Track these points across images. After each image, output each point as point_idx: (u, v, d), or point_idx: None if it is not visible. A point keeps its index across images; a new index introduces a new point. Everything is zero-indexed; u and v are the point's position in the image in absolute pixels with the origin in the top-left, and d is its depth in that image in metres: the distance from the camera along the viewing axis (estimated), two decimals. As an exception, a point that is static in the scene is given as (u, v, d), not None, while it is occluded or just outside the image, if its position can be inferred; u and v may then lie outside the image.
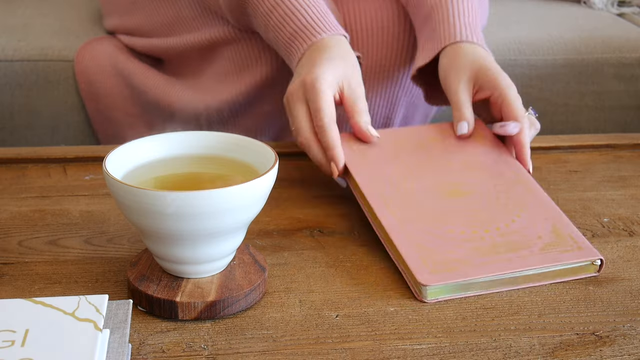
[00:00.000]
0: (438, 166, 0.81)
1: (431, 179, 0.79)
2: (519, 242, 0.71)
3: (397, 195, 0.76)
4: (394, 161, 0.81)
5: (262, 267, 0.68)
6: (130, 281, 0.65)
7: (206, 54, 1.11)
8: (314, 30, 0.89)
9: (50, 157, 0.91)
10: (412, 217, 0.73)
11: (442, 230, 0.72)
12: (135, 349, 0.60)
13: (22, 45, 1.31)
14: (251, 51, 1.05)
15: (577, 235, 0.72)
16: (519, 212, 0.74)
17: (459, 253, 0.69)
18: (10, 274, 0.69)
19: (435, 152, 0.83)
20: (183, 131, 0.71)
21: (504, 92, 0.85)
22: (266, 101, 1.08)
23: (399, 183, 0.78)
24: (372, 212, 0.75)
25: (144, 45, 1.20)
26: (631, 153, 0.99)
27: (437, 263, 0.68)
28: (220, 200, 0.59)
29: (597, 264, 0.70)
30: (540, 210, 0.75)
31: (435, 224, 0.73)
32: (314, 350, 0.60)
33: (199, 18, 1.09)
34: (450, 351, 0.60)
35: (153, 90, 1.16)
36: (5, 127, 1.30)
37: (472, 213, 0.74)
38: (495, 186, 0.78)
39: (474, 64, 0.88)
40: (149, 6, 1.17)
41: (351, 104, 0.84)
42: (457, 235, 0.71)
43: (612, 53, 1.42)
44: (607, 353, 0.60)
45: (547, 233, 0.72)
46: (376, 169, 0.80)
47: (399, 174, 0.79)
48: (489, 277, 0.67)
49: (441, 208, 0.75)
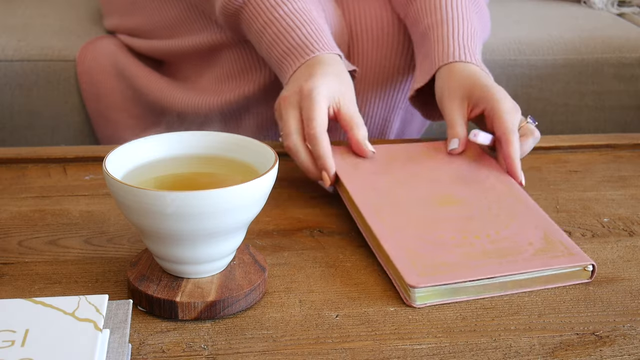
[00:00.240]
0: (429, 179, 0.81)
1: (422, 189, 0.79)
2: (509, 248, 0.71)
3: (388, 204, 0.76)
4: (386, 173, 0.82)
5: (262, 267, 0.68)
6: (130, 281, 0.65)
7: (207, 57, 1.11)
8: (308, 49, 0.89)
9: (50, 157, 0.91)
10: (402, 224, 0.73)
11: (432, 236, 0.72)
12: (135, 349, 0.60)
13: (22, 45, 1.31)
14: (252, 55, 1.05)
15: (568, 242, 0.72)
16: (509, 221, 0.74)
17: (448, 257, 0.69)
18: (10, 274, 0.69)
19: (427, 165, 0.84)
20: (183, 131, 0.71)
21: (495, 105, 0.85)
22: (267, 104, 1.08)
23: (390, 192, 0.78)
24: (362, 219, 0.75)
25: (144, 47, 1.20)
26: (631, 153, 0.99)
27: (426, 266, 0.67)
28: (220, 200, 0.59)
29: (589, 269, 0.70)
30: (531, 219, 0.75)
31: (425, 230, 0.73)
32: (314, 350, 0.60)
33: (199, 21, 1.08)
34: (450, 351, 0.60)
35: (154, 92, 1.16)
36: (5, 127, 1.30)
37: (462, 221, 0.74)
38: (486, 197, 0.78)
39: (467, 82, 0.89)
40: (149, 7, 1.17)
41: (348, 118, 0.85)
42: (447, 240, 0.71)
43: (612, 53, 1.42)
44: (607, 353, 0.60)
45: (538, 240, 0.72)
46: (368, 179, 0.80)
47: (390, 184, 0.80)
48: (479, 282, 0.67)
49: (432, 215, 0.75)
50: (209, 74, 1.12)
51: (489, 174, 0.82)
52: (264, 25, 0.91)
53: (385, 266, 0.70)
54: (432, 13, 0.97)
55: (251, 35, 0.95)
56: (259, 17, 0.92)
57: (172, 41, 1.14)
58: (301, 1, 0.92)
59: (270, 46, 0.91)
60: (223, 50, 1.07)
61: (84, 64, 1.26)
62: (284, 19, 0.91)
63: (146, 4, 1.17)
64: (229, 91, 1.08)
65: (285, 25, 0.90)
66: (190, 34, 1.11)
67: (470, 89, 0.88)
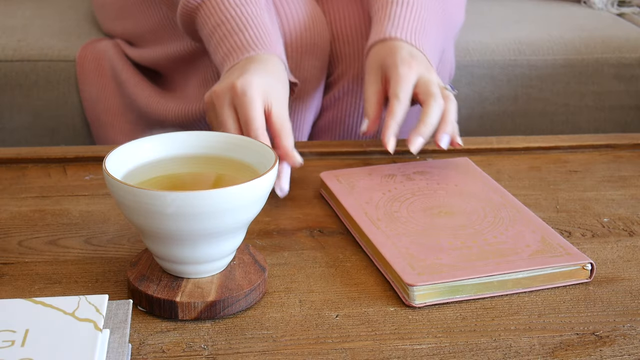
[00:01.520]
0: (425, 194, 0.81)
1: (418, 203, 0.79)
2: (507, 249, 0.71)
3: (385, 216, 0.76)
4: (381, 190, 0.82)
5: (262, 267, 0.68)
6: (130, 281, 0.65)
7: (191, 63, 1.10)
8: (249, 47, 0.87)
9: (50, 157, 0.91)
10: (400, 232, 0.73)
11: (430, 241, 0.72)
12: (135, 349, 0.60)
13: (22, 45, 1.31)
14: None
15: (566, 244, 0.72)
16: (506, 227, 0.75)
17: (447, 259, 0.69)
18: (10, 274, 0.69)
19: (422, 183, 0.83)
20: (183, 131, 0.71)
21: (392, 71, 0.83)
22: None
23: (386, 206, 0.78)
24: (359, 231, 0.75)
25: (136, 55, 1.21)
26: (631, 153, 0.99)
27: (425, 267, 0.67)
28: (220, 200, 0.59)
29: (588, 268, 0.70)
30: (528, 224, 0.75)
31: (422, 237, 0.73)
32: (314, 350, 0.60)
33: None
34: (450, 351, 0.60)
35: (142, 99, 1.16)
36: (5, 127, 1.30)
37: (459, 228, 0.74)
38: (483, 208, 0.78)
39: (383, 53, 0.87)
40: (136, 12, 1.17)
41: (279, 125, 0.82)
42: (444, 245, 0.71)
43: (612, 53, 1.42)
44: (607, 353, 0.60)
45: (535, 242, 0.72)
46: (364, 196, 0.80)
47: (387, 199, 0.80)
48: (478, 280, 0.67)
49: (428, 224, 0.75)
50: (193, 81, 1.12)
51: (484, 187, 0.82)
52: (215, 25, 0.91)
53: (383, 270, 0.70)
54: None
55: (203, 35, 0.94)
56: (212, 17, 0.91)
57: (158, 47, 1.14)
58: (255, 6, 0.91)
59: (218, 45, 0.90)
60: (205, 55, 1.07)
61: (84, 65, 1.27)
62: (234, 20, 0.90)
63: (133, 10, 1.18)
64: None
65: (234, 26, 0.89)
66: (174, 39, 1.11)
67: (383, 59, 0.86)
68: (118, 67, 1.21)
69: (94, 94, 1.25)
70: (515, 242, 0.72)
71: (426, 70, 0.86)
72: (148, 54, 1.17)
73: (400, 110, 0.83)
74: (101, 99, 1.24)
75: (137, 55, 1.20)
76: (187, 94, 1.12)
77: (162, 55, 1.14)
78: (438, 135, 0.85)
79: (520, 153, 0.98)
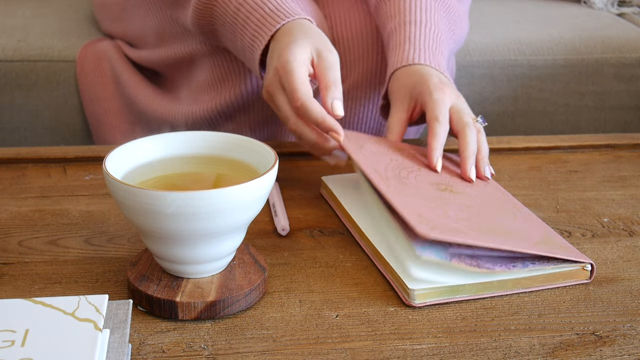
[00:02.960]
0: (429, 173, 0.81)
1: (425, 177, 0.78)
2: (514, 231, 0.71)
3: (395, 179, 0.75)
4: (391, 158, 0.81)
5: (262, 267, 0.68)
6: (130, 281, 0.65)
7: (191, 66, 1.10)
8: (271, 25, 0.86)
9: (50, 157, 0.91)
10: (411, 193, 0.73)
11: (439, 209, 0.71)
12: (135, 349, 0.60)
13: (22, 45, 1.31)
14: (230, 63, 1.04)
15: (567, 244, 0.72)
16: (510, 221, 0.74)
17: (456, 225, 0.69)
18: (10, 274, 0.69)
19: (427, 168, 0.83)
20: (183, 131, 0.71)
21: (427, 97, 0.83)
22: (248, 112, 1.07)
23: (396, 171, 0.77)
24: (359, 231, 0.75)
25: (136, 56, 1.20)
26: (631, 153, 0.99)
27: (436, 225, 0.67)
28: (220, 200, 0.59)
29: (588, 269, 0.70)
30: (531, 222, 0.75)
31: (431, 203, 0.72)
32: (314, 350, 0.60)
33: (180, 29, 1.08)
34: (450, 351, 0.60)
35: (141, 100, 1.16)
36: (5, 127, 1.30)
37: (466, 207, 0.74)
38: (486, 201, 0.78)
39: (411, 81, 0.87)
40: (137, 15, 1.17)
41: (321, 77, 0.81)
42: (452, 215, 0.71)
43: (612, 53, 1.42)
44: (607, 353, 0.60)
45: (539, 237, 0.72)
46: (372, 158, 0.79)
47: (394, 166, 0.79)
48: (478, 279, 0.67)
49: (437, 197, 0.74)
50: (194, 82, 1.12)
51: (484, 185, 0.82)
52: (238, 6, 0.89)
53: (383, 270, 0.70)
54: (395, 16, 0.95)
55: (226, 22, 0.92)
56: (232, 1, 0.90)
57: (158, 49, 1.14)
58: None
59: (244, 26, 0.88)
60: (202, 58, 1.06)
61: (84, 65, 1.27)
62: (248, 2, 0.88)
63: (134, 12, 1.17)
64: (209, 100, 1.07)
65: (253, 4, 0.88)
66: (174, 41, 1.11)
67: (412, 87, 0.86)
68: (118, 67, 1.21)
69: (94, 94, 1.25)
70: (520, 230, 0.72)
71: (457, 98, 0.86)
72: (148, 55, 1.17)
73: (442, 132, 0.83)
74: (101, 99, 1.24)
75: (137, 56, 1.20)
76: (187, 94, 1.12)
77: (162, 57, 1.14)
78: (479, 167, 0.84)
79: (520, 153, 0.98)
